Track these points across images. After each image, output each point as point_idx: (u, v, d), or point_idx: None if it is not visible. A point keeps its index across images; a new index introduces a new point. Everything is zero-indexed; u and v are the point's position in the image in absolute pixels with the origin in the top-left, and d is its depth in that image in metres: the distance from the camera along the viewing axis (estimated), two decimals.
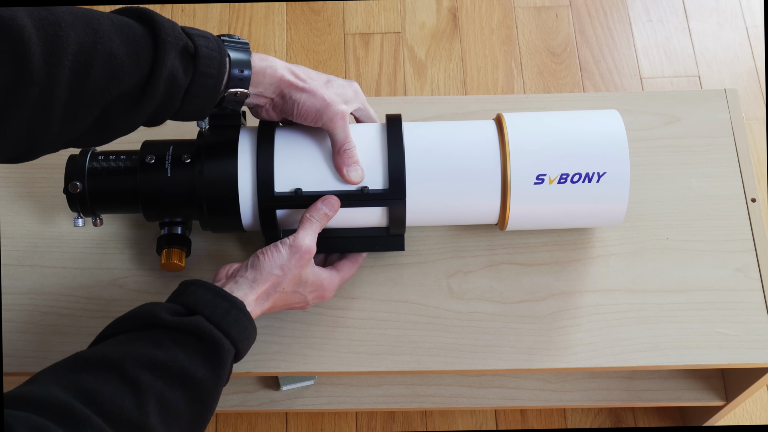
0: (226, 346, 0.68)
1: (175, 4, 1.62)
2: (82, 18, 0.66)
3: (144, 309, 0.69)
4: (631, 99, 0.99)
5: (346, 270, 0.85)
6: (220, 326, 0.69)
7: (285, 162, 0.80)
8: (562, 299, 0.88)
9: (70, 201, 0.82)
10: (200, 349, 0.67)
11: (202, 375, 0.66)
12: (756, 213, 0.92)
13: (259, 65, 0.76)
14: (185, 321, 0.68)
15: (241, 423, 1.27)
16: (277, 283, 0.76)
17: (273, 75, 0.77)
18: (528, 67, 1.58)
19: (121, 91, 0.68)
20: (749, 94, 1.55)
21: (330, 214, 0.79)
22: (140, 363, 0.64)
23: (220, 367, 0.68)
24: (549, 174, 0.80)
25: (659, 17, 1.64)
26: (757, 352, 0.85)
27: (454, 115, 0.98)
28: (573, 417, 1.27)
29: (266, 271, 0.76)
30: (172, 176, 0.80)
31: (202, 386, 0.66)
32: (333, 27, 1.61)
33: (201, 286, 0.72)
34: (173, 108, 0.72)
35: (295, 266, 0.76)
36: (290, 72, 0.78)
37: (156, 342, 0.66)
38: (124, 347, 0.66)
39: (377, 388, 1.05)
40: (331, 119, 0.78)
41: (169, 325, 0.67)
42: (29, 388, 0.60)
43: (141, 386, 0.62)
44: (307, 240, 0.77)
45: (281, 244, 0.77)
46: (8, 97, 0.62)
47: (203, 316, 0.69)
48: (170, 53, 0.69)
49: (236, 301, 0.71)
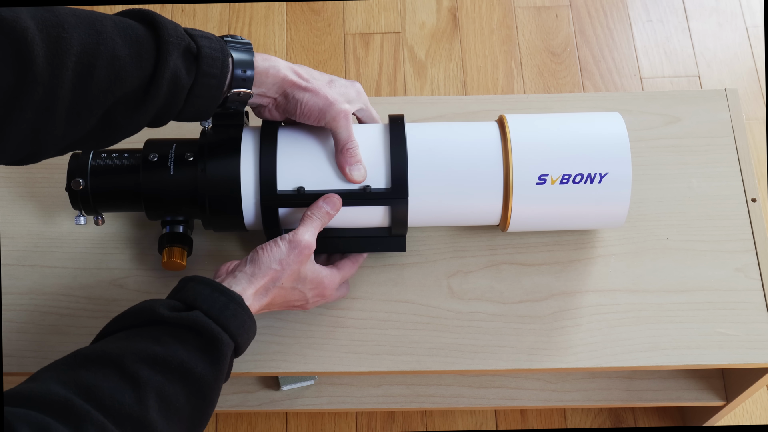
0: (224, 340, 0.68)
1: (175, 4, 1.62)
2: (85, 20, 0.66)
3: (143, 305, 0.70)
4: (631, 99, 0.99)
5: (346, 269, 0.85)
6: (219, 320, 0.69)
7: (288, 160, 0.80)
8: (563, 299, 0.88)
9: (72, 198, 0.82)
10: (199, 344, 0.67)
11: (202, 369, 0.66)
12: (756, 213, 0.92)
13: (262, 65, 0.76)
14: (183, 316, 0.68)
15: (241, 423, 1.27)
16: (276, 278, 0.76)
17: (276, 75, 0.77)
18: (528, 67, 1.58)
19: (124, 91, 0.68)
20: (749, 94, 1.55)
21: (332, 212, 0.79)
22: (139, 358, 0.64)
23: (219, 362, 0.68)
24: (551, 174, 0.80)
25: (659, 17, 1.64)
26: (757, 352, 0.85)
27: (454, 116, 0.98)
28: (573, 417, 1.27)
29: (265, 265, 0.76)
30: (175, 174, 0.80)
31: (202, 381, 0.66)
32: (333, 27, 1.61)
33: (199, 281, 0.72)
34: (177, 108, 0.72)
35: (294, 261, 0.77)
36: (293, 72, 0.78)
37: (155, 337, 0.66)
38: (123, 343, 0.66)
39: (377, 388, 1.05)
40: (334, 118, 0.79)
41: (167, 320, 0.67)
42: (29, 386, 0.60)
43: (141, 381, 0.62)
44: (306, 236, 0.77)
45: (281, 240, 0.77)
46: (12, 98, 0.62)
47: (201, 311, 0.69)
48: (173, 54, 0.69)
49: (234, 296, 0.72)
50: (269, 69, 0.77)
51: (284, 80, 0.77)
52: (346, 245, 0.85)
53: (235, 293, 0.72)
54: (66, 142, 0.69)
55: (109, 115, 0.69)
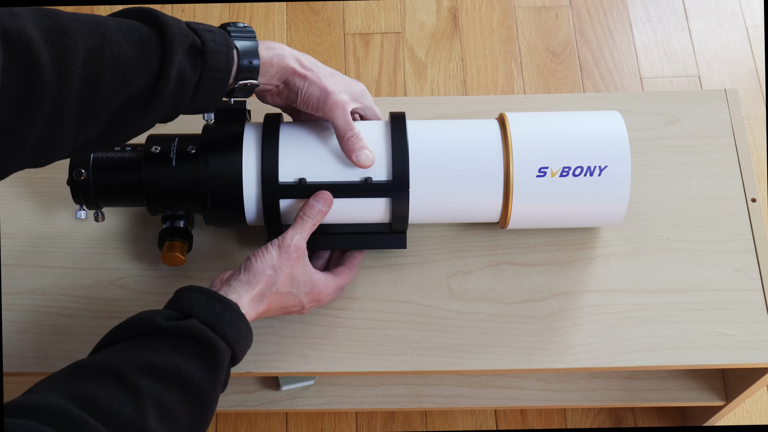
0: (221, 347, 0.68)
1: (175, 4, 1.62)
2: (89, 24, 0.66)
3: (140, 316, 0.70)
4: (631, 99, 0.99)
5: (343, 275, 0.85)
6: (215, 328, 0.69)
7: (289, 152, 0.81)
8: (563, 299, 0.88)
9: (73, 192, 0.82)
10: (196, 352, 0.67)
11: (200, 377, 0.66)
12: (756, 213, 0.92)
13: (266, 55, 0.77)
14: (180, 325, 0.68)
15: (241, 423, 1.27)
16: (271, 283, 0.77)
17: (279, 63, 0.78)
18: (528, 67, 1.58)
19: (131, 93, 0.68)
20: (749, 94, 1.55)
21: (324, 209, 0.80)
22: (137, 368, 0.64)
23: (216, 369, 0.68)
24: (551, 167, 0.80)
25: (659, 17, 1.64)
26: (757, 352, 0.85)
27: (454, 116, 0.98)
28: (573, 417, 1.27)
29: (258, 271, 0.76)
30: (177, 166, 0.81)
31: (200, 389, 0.66)
32: (333, 27, 1.61)
33: (195, 290, 0.72)
34: (184, 104, 0.72)
35: (285, 264, 0.77)
36: (296, 60, 0.79)
37: (152, 347, 0.66)
38: (121, 354, 0.66)
39: (377, 388, 1.05)
40: (331, 108, 0.79)
41: (164, 329, 0.68)
42: (27, 398, 0.60)
43: (139, 390, 0.62)
44: (295, 238, 0.78)
45: (271, 245, 0.78)
46: (22, 108, 0.62)
47: (198, 319, 0.69)
48: (178, 51, 0.69)
49: (230, 303, 0.72)
50: (273, 58, 0.77)
51: (286, 68, 0.78)
52: (346, 241, 0.86)
53: (231, 301, 0.72)
54: (77, 145, 0.69)
55: (118, 116, 0.69)
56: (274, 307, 0.79)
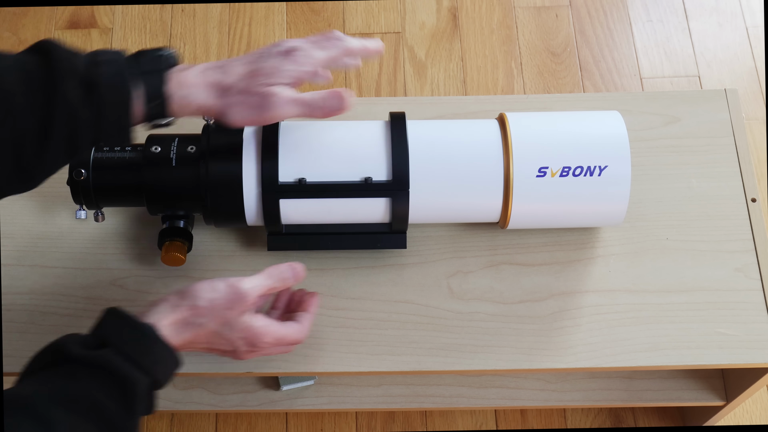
0: (136, 379, 0.66)
1: (175, 4, 1.62)
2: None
3: (58, 343, 0.67)
4: (631, 99, 0.99)
5: (289, 328, 0.78)
6: (131, 357, 0.67)
7: (289, 151, 0.81)
8: (562, 299, 0.88)
9: (73, 191, 0.83)
10: (111, 384, 0.65)
11: (114, 410, 0.64)
12: (756, 213, 0.92)
13: (176, 94, 0.72)
14: (94, 355, 0.66)
15: (241, 423, 1.27)
16: (198, 315, 0.73)
17: (192, 104, 0.73)
18: (528, 67, 1.58)
19: (22, 130, 0.65)
20: (749, 94, 1.55)
21: (289, 281, 0.78)
22: (52, 399, 0.62)
23: (131, 401, 0.65)
24: (551, 167, 0.81)
25: (659, 17, 1.64)
26: (757, 352, 0.85)
27: (454, 116, 0.98)
28: (573, 417, 1.27)
29: (192, 297, 0.73)
30: (177, 166, 0.81)
31: (114, 420, 0.64)
32: (333, 27, 1.61)
33: (114, 315, 0.70)
34: (89, 137, 0.69)
35: (225, 306, 0.73)
36: (207, 90, 0.74)
37: (70, 375, 0.65)
38: (37, 386, 0.64)
39: (377, 388, 1.05)
40: (272, 113, 0.75)
41: (79, 359, 0.66)
42: None
43: (52, 423, 0.61)
44: (250, 286, 0.75)
45: (223, 280, 0.74)
46: None
47: (114, 348, 0.67)
48: (66, 83, 0.66)
49: (145, 328, 0.69)
50: (182, 99, 0.72)
51: (201, 108, 0.74)
52: (346, 241, 0.86)
53: (146, 325, 0.69)
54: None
55: (18, 157, 0.66)
56: (201, 340, 0.74)
